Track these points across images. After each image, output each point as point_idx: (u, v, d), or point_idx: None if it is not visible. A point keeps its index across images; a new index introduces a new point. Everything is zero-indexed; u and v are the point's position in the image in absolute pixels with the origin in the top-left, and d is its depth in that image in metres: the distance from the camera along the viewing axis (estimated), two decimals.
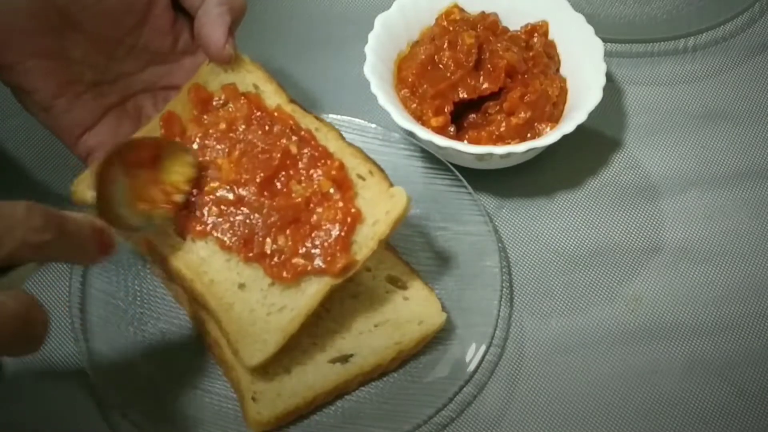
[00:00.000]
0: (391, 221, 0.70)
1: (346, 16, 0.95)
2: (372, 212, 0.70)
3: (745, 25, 0.95)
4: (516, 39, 0.85)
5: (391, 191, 0.71)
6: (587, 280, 0.79)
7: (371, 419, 0.71)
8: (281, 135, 0.72)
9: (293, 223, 0.69)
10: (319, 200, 0.70)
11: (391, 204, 0.70)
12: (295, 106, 0.74)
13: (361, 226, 0.70)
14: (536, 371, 0.75)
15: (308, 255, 0.69)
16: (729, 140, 0.87)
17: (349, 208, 0.70)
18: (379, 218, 0.70)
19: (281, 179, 0.71)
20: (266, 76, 0.75)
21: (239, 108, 0.73)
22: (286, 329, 0.68)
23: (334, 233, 0.69)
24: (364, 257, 0.69)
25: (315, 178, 0.71)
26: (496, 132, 0.81)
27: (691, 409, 0.73)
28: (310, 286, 0.69)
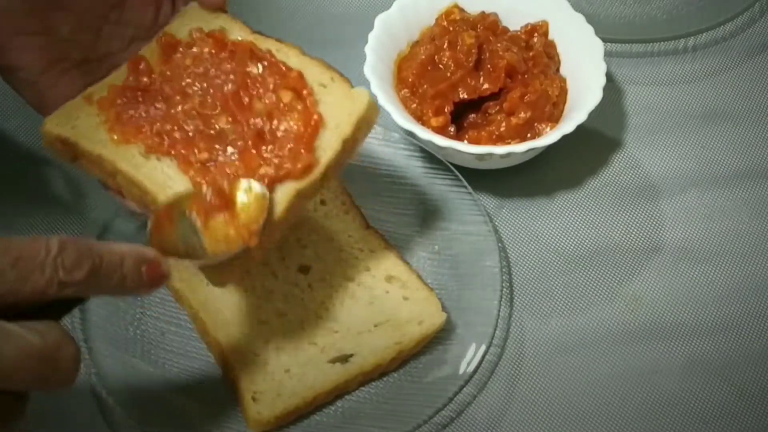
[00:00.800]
0: (354, 121, 0.69)
1: (346, 16, 0.95)
2: (334, 116, 0.69)
3: (745, 25, 0.95)
4: (516, 39, 0.85)
5: (352, 92, 0.70)
6: (587, 280, 0.79)
7: (371, 419, 0.71)
8: (242, 61, 0.71)
9: (257, 138, 0.68)
10: (282, 112, 0.69)
11: (352, 105, 0.69)
12: (257, 35, 0.73)
13: (324, 130, 0.69)
14: (536, 371, 0.75)
15: (270, 161, 0.67)
16: (729, 140, 0.87)
17: (310, 113, 0.69)
18: (342, 120, 0.69)
19: (244, 100, 0.70)
20: (231, 18, 0.75)
21: (204, 43, 0.73)
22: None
23: (294, 135, 0.68)
24: (328, 159, 0.68)
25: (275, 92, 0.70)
26: (496, 132, 0.81)
27: (691, 409, 0.73)
28: (276, 193, 0.67)
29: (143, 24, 0.75)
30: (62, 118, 0.70)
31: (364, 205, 0.81)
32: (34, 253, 0.52)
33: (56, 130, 0.70)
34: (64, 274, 0.53)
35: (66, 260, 0.53)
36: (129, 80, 0.72)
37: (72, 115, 0.70)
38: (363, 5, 0.96)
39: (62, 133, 0.69)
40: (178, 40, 0.73)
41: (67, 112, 0.71)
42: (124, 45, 0.75)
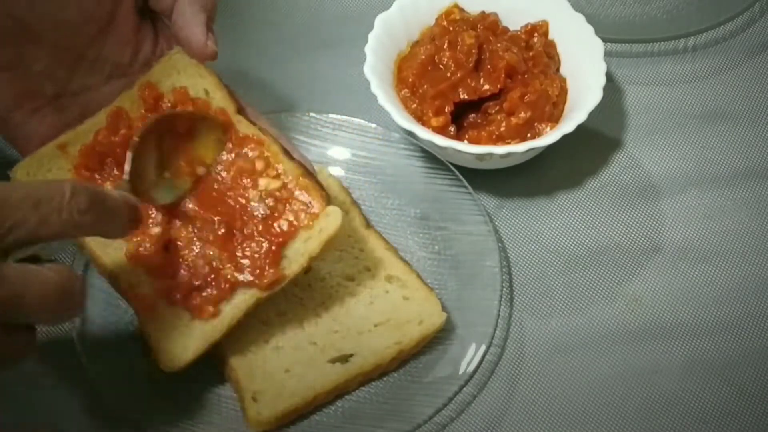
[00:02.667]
0: (323, 240, 0.69)
1: (346, 16, 0.95)
2: (306, 228, 0.70)
3: (745, 25, 0.95)
4: (516, 39, 0.85)
5: (326, 210, 0.70)
6: (587, 280, 0.79)
7: (371, 419, 0.71)
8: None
9: (226, 236, 0.70)
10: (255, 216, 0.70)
11: (325, 222, 0.70)
12: (240, 117, 0.73)
13: (293, 241, 0.70)
14: (536, 371, 0.75)
15: (238, 267, 0.69)
16: (729, 140, 0.87)
17: (286, 223, 0.70)
18: (312, 236, 0.70)
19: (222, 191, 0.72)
20: (218, 82, 0.74)
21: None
22: (207, 337, 0.69)
23: (265, 246, 0.69)
24: (293, 273, 0.69)
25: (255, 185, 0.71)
26: (496, 132, 0.81)
27: (691, 409, 0.73)
28: (236, 296, 0.69)
29: (122, 62, 0.75)
30: (33, 167, 0.70)
31: (364, 205, 0.81)
32: (52, 196, 0.56)
33: (26, 180, 0.69)
34: (78, 217, 0.56)
35: (80, 203, 0.56)
36: (100, 138, 0.71)
37: (44, 165, 0.71)
38: (363, 5, 0.96)
39: None
40: (161, 95, 0.73)
41: (39, 161, 0.71)
42: (101, 81, 0.74)
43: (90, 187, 0.58)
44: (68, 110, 0.73)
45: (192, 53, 0.73)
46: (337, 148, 0.83)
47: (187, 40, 0.72)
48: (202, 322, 0.69)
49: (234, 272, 0.69)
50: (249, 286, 0.69)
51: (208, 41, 0.72)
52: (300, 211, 0.71)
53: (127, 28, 0.74)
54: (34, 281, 0.55)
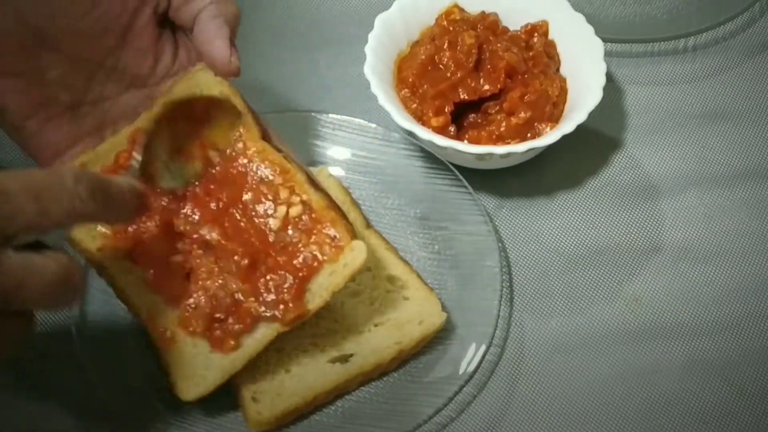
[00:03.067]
0: (348, 274, 0.68)
1: (346, 16, 0.95)
2: (331, 262, 0.69)
3: (745, 25, 0.95)
4: (516, 39, 0.85)
5: (351, 244, 0.69)
6: (587, 280, 0.79)
7: (371, 419, 0.71)
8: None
9: (249, 268, 0.69)
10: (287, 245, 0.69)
11: (350, 257, 0.68)
12: (265, 144, 0.72)
13: (317, 275, 0.68)
14: (536, 371, 0.75)
15: (261, 301, 0.68)
16: (729, 140, 0.87)
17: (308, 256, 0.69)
18: (336, 270, 0.68)
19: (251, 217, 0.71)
20: (243, 105, 0.72)
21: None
22: (227, 368, 0.68)
23: (289, 281, 0.68)
24: (316, 307, 0.68)
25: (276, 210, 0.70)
26: (496, 132, 0.81)
27: (691, 409, 0.73)
28: (258, 329, 0.68)
29: (141, 73, 0.73)
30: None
31: (364, 205, 0.81)
32: (53, 185, 0.55)
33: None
34: (80, 205, 0.56)
35: (82, 191, 0.56)
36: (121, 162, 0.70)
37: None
38: (363, 5, 0.96)
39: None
40: None
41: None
42: (119, 91, 0.73)
43: (93, 174, 0.58)
44: (85, 120, 0.72)
45: (215, 69, 0.71)
46: (337, 148, 0.83)
47: (209, 56, 0.71)
48: (221, 354, 0.68)
49: (257, 306, 0.68)
50: (271, 321, 0.68)
51: (232, 57, 0.71)
52: (325, 244, 0.69)
53: (147, 38, 0.73)
54: (33, 270, 0.55)
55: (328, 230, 0.69)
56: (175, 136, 0.70)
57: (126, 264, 0.69)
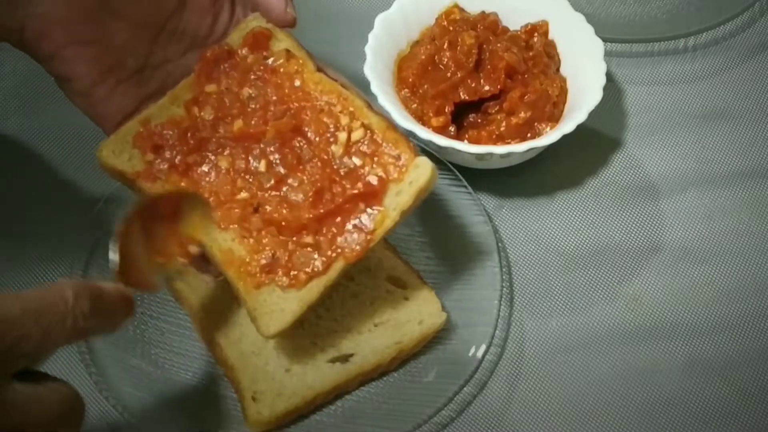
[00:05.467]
0: (414, 192, 0.67)
1: (346, 16, 0.95)
2: (396, 182, 0.68)
3: (745, 25, 0.95)
4: (516, 39, 0.85)
5: (416, 161, 0.68)
6: (587, 280, 0.79)
7: (371, 419, 0.71)
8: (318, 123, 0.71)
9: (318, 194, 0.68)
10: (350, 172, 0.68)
11: (415, 174, 0.67)
12: (321, 74, 0.72)
13: (384, 196, 0.68)
14: (536, 371, 0.75)
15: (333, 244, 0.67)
16: (729, 140, 0.87)
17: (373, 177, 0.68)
18: (403, 189, 0.67)
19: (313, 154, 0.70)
20: (297, 45, 0.73)
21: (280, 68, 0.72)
22: (303, 299, 0.67)
23: (363, 224, 0.67)
24: (385, 229, 0.67)
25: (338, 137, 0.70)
26: (496, 132, 0.81)
27: (691, 409, 0.73)
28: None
29: (200, 33, 0.74)
30: (118, 145, 0.70)
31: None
32: (55, 305, 0.52)
33: (112, 161, 0.69)
34: (83, 322, 0.53)
35: (84, 307, 0.53)
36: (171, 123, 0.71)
37: (128, 143, 0.70)
38: (363, 5, 0.96)
39: (117, 165, 0.69)
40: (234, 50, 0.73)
41: (123, 138, 0.70)
42: (180, 52, 0.74)
43: (89, 285, 0.55)
44: (149, 83, 0.73)
45: (271, 19, 0.73)
46: None
47: (266, 7, 0.72)
48: (296, 290, 0.67)
49: (330, 252, 0.67)
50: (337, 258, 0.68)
51: (288, 8, 0.72)
52: (389, 164, 0.68)
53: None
54: (37, 406, 0.52)
55: (390, 151, 0.68)
56: (151, 238, 0.67)
57: None
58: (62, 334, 0.52)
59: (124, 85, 0.71)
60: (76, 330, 0.53)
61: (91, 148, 0.72)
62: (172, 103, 0.72)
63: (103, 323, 0.56)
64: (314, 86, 0.71)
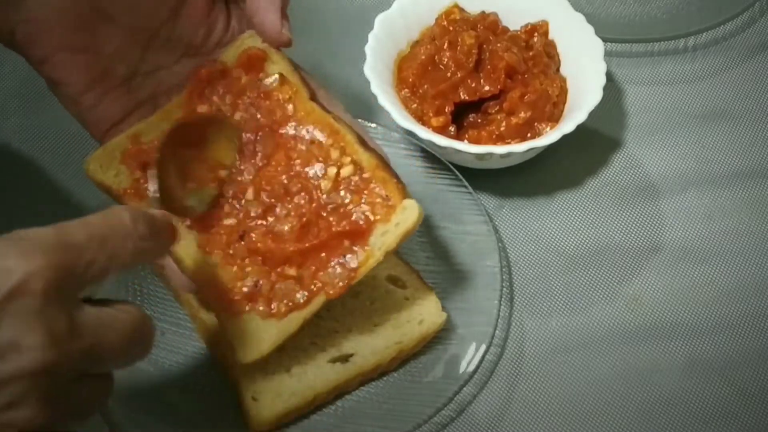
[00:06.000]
0: (401, 233, 0.67)
1: (346, 16, 0.95)
2: (383, 222, 0.68)
3: (745, 25, 0.95)
4: (516, 39, 0.85)
5: (404, 203, 0.68)
6: (587, 280, 0.79)
7: (371, 419, 0.71)
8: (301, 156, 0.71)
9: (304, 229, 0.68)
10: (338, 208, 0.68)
11: (402, 216, 0.67)
12: (314, 105, 0.71)
13: (369, 236, 0.67)
14: (536, 371, 0.75)
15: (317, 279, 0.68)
16: (729, 140, 0.87)
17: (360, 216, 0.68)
18: (389, 229, 0.67)
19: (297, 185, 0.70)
20: (291, 68, 0.73)
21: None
22: (282, 329, 0.68)
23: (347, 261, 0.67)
24: (368, 268, 0.67)
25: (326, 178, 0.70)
26: (496, 132, 0.81)
27: (691, 409, 0.73)
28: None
29: (194, 42, 0.74)
30: (106, 159, 0.70)
31: None
32: (116, 229, 0.54)
33: (99, 176, 0.69)
34: (142, 244, 0.55)
35: (143, 230, 0.55)
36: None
37: (116, 158, 0.70)
38: (363, 5, 0.96)
39: (105, 181, 0.69)
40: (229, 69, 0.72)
41: (111, 153, 0.70)
42: (172, 60, 0.74)
43: (143, 211, 0.57)
44: (140, 90, 0.72)
45: (266, 39, 0.72)
46: None
47: (261, 26, 0.72)
48: (275, 320, 0.67)
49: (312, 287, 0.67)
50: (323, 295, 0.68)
51: (283, 28, 0.71)
52: (376, 204, 0.68)
53: (200, 8, 0.73)
54: (111, 327, 0.53)
55: (379, 190, 0.68)
56: (181, 164, 0.69)
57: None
58: (127, 254, 0.54)
59: (114, 92, 0.71)
60: (137, 252, 0.55)
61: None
62: (162, 120, 0.71)
63: (157, 247, 0.58)
64: (306, 116, 0.71)
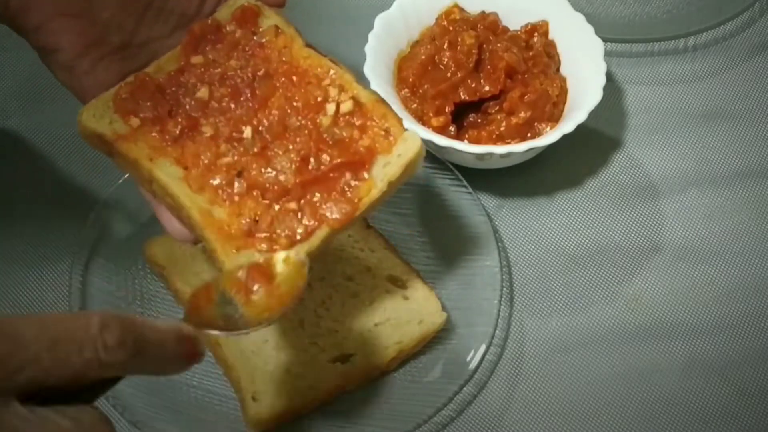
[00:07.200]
0: (403, 164, 0.65)
1: (346, 16, 0.95)
2: (384, 153, 0.66)
3: (745, 25, 0.95)
4: (516, 39, 0.85)
5: (404, 135, 0.66)
6: (587, 280, 0.79)
7: (371, 419, 0.71)
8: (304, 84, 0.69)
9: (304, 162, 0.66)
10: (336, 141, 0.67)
11: (403, 147, 0.66)
12: (311, 50, 0.71)
13: (371, 167, 0.66)
14: (536, 371, 0.75)
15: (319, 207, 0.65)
16: (729, 140, 0.87)
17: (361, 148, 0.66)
18: (391, 160, 0.66)
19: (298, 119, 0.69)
20: (285, 21, 0.72)
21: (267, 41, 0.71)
22: None
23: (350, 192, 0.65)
24: (371, 199, 0.65)
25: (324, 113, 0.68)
26: (496, 131, 0.81)
27: (691, 409, 0.73)
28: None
29: (188, 12, 0.73)
30: (99, 109, 0.68)
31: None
32: (73, 333, 0.49)
33: (92, 124, 0.67)
34: (105, 355, 0.49)
35: (109, 339, 0.49)
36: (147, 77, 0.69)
37: (110, 107, 0.69)
38: (363, 5, 0.96)
39: (98, 128, 0.67)
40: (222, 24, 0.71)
41: (105, 103, 0.69)
42: (166, 32, 0.73)
43: (125, 317, 0.50)
44: (133, 60, 0.72)
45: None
46: None
47: None
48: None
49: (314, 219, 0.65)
50: (321, 225, 0.65)
51: None
52: (377, 137, 0.67)
53: None
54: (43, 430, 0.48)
55: (379, 123, 0.67)
56: None
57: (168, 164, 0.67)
58: (78, 363, 0.49)
59: (108, 60, 0.71)
60: (98, 362, 0.49)
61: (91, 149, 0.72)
62: (156, 73, 0.70)
63: (143, 361, 0.51)
64: (303, 60, 0.70)
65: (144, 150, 0.66)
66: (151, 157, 0.66)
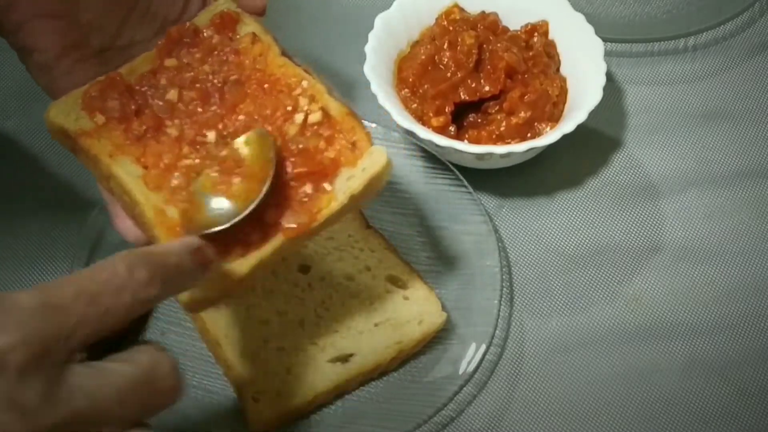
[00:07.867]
0: (367, 178, 0.65)
1: (346, 16, 0.95)
2: (348, 166, 0.66)
3: (745, 25, 0.95)
4: (516, 39, 0.85)
5: (371, 149, 0.66)
6: (587, 280, 0.79)
7: (371, 419, 0.71)
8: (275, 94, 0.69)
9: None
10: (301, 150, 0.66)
11: (369, 161, 0.65)
12: (286, 59, 0.70)
13: (335, 179, 0.65)
14: (536, 371, 0.75)
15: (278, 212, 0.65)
16: (729, 140, 0.87)
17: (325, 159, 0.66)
18: (355, 174, 0.65)
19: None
20: (263, 29, 0.72)
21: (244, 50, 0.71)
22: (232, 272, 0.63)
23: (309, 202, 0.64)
24: (331, 211, 0.64)
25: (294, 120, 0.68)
26: (496, 131, 0.81)
27: (691, 409, 0.73)
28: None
29: (170, 17, 0.74)
30: (68, 105, 0.68)
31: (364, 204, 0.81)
32: (107, 284, 0.50)
33: (59, 120, 0.67)
34: (142, 294, 0.51)
35: (141, 278, 0.51)
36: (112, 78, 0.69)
37: (78, 104, 0.68)
38: (363, 5, 0.96)
39: (64, 124, 0.67)
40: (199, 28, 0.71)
41: (73, 101, 0.69)
42: (148, 36, 0.73)
43: (145, 252, 0.52)
44: (113, 64, 0.71)
45: (242, 5, 0.72)
46: None
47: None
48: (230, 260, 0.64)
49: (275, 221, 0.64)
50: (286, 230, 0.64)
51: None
52: (343, 150, 0.66)
53: None
54: (103, 386, 0.49)
55: (347, 136, 0.67)
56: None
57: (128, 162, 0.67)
58: (123, 308, 0.50)
59: (87, 62, 0.70)
60: (139, 301, 0.50)
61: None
62: (128, 75, 0.70)
63: (175, 285, 0.54)
64: (277, 69, 0.70)
65: (106, 147, 0.66)
66: (112, 154, 0.66)
